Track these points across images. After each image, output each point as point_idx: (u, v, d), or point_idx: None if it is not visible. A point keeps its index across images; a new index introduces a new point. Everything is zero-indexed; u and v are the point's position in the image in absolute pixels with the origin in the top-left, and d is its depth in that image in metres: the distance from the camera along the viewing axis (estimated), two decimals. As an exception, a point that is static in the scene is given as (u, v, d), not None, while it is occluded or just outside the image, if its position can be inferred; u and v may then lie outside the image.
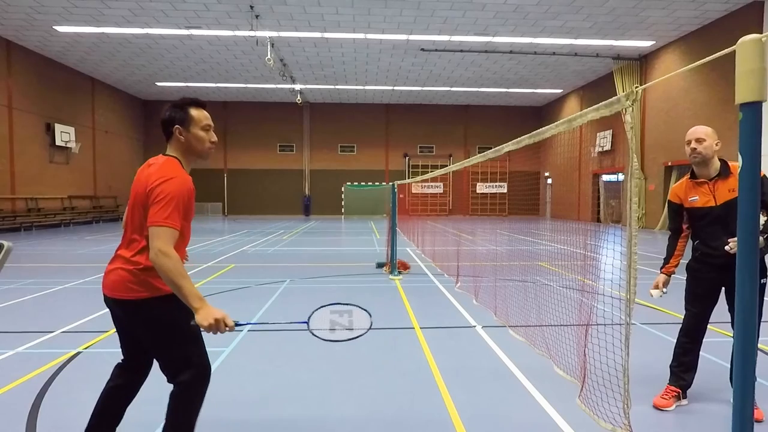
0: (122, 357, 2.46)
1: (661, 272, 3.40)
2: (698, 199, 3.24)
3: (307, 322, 2.37)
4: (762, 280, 3.03)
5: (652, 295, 3.28)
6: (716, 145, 3.17)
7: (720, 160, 3.23)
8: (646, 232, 18.53)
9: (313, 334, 2.37)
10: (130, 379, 2.44)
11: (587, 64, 21.89)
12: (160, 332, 2.22)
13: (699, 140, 3.16)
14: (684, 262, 3.45)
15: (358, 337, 2.38)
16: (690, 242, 3.43)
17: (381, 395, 3.55)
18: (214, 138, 2.38)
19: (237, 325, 2.09)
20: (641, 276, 8.22)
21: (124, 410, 2.45)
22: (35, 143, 20.19)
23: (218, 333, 2.02)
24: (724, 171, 3.18)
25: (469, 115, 31.79)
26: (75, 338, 4.84)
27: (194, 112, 2.29)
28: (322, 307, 2.45)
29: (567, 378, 3.62)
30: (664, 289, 3.34)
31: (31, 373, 3.91)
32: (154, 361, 2.37)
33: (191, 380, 2.21)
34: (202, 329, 2.03)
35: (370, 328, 2.42)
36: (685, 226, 3.38)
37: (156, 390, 2.49)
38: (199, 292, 2.05)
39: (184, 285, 1.99)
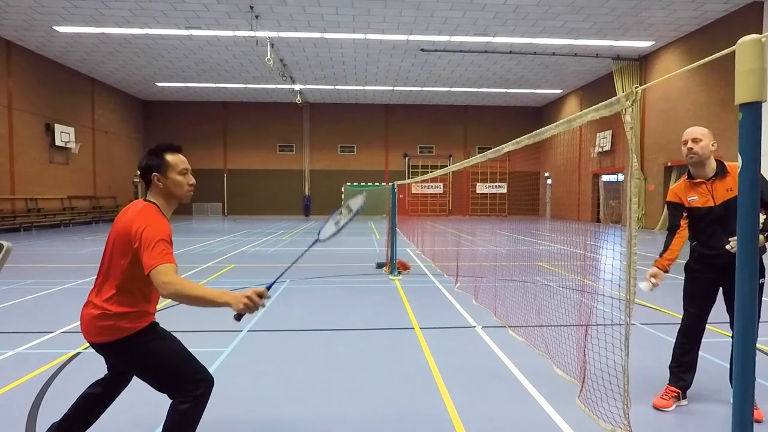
0: (107, 372, 2.54)
1: (654, 265, 3.36)
2: (697, 199, 3.24)
3: (317, 239, 2.59)
4: (760, 280, 3.03)
5: (641, 288, 3.20)
6: (712, 145, 3.17)
7: (716, 160, 3.23)
8: (646, 232, 18.53)
9: (328, 239, 2.61)
10: (107, 390, 2.51)
11: (587, 65, 21.90)
12: (145, 365, 2.26)
13: (695, 140, 3.16)
14: (682, 262, 3.45)
15: (359, 209, 2.63)
16: (688, 243, 3.43)
17: (381, 395, 3.55)
18: (192, 181, 2.44)
19: (267, 288, 2.12)
20: (641, 276, 8.21)
21: (97, 418, 2.51)
22: (35, 143, 20.19)
23: (260, 307, 2.05)
24: (721, 171, 3.18)
25: (469, 115, 31.80)
26: (75, 338, 4.83)
27: (170, 158, 2.35)
28: (325, 222, 2.68)
29: (567, 378, 3.62)
30: (653, 280, 3.24)
31: (30, 373, 3.91)
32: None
33: (192, 396, 2.23)
34: (244, 315, 2.07)
35: (365, 198, 2.71)
36: (683, 223, 3.37)
37: (155, 391, 2.48)
38: (217, 290, 2.06)
39: (203, 296, 2.01)
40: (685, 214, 3.34)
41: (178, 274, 2.06)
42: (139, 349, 2.23)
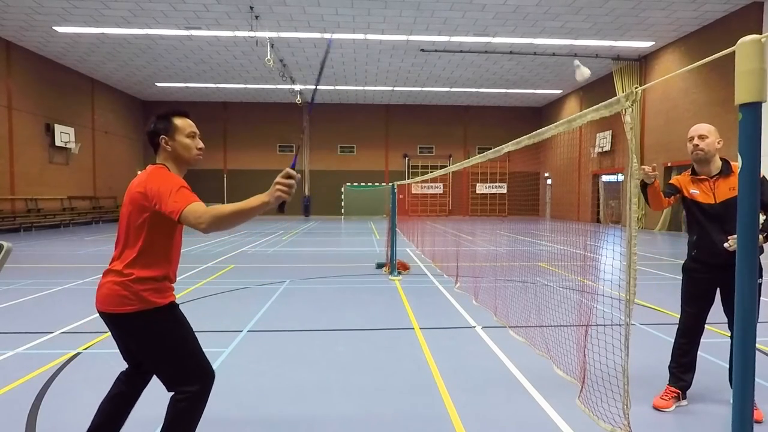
0: (126, 365, 2.47)
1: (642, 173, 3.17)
2: (699, 193, 3.25)
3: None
4: (759, 280, 3.03)
5: (582, 72, 2.85)
6: (718, 143, 3.17)
7: (721, 159, 3.23)
8: (646, 232, 18.53)
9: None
10: (133, 386, 2.44)
11: (587, 65, 21.88)
12: (153, 345, 2.22)
13: (702, 137, 3.16)
14: (680, 262, 3.45)
15: None
16: (687, 243, 3.43)
17: (380, 395, 3.55)
18: (201, 144, 2.40)
19: (292, 167, 1.98)
20: (641, 277, 8.22)
21: (126, 417, 2.46)
22: (35, 144, 20.18)
23: (292, 189, 1.95)
24: (726, 169, 3.18)
25: (469, 115, 31.81)
26: (74, 339, 4.84)
27: (178, 121, 2.34)
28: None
29: (567, 378, 3.62)
30: (646, 168, 3.10)
31: (30, 373, 3.90)
32: None
33: (191, 392, 2.20)
34: (283, 202, 1.98)
35: None
36: (672, 200, 3.36)
37: (155, 390, 2.48)
38: (249, 199, 1.96)
39: (241, 208, 1.94)
40: (678, 196, 3.34)
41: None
42: (154, 327, 2.18)
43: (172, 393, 2.24)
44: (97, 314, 2.25)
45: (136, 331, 2.20)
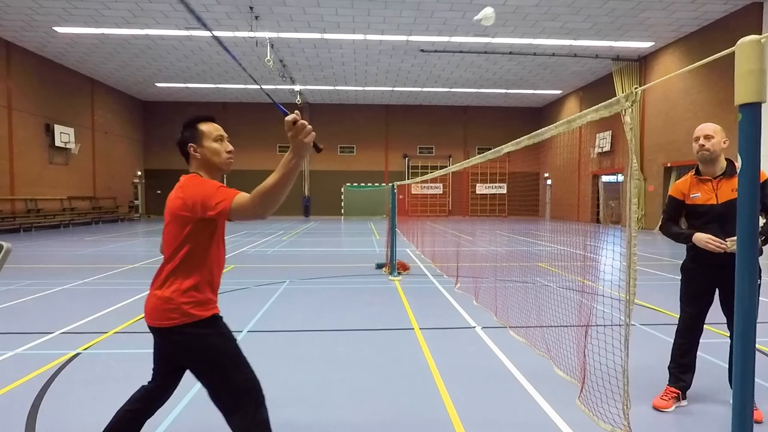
0: (151, 378, 2.42)
1: (695, 237, 3.14)
2: (700, 196, 3.24)
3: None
4: (758, 280, 3.02)
5: (487, 14, 2.78)
6: (724, 143, 3.16)
7: (727, 159, 3.22)
8: (646, 233, 18.53)
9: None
10: (149, 403, 2.41)
11: (587, 65, 21.91)
12: (201, 360, 2.20)
13: (707, 137, 3.15)
14: (680, 262, 3.45)
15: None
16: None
17: (380, 396, 3.55)
18: (230, 147, 2.37)
19: (285, 114, 1.94)
20: (641, 277, 8.23)
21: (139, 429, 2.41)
22: (35, 144, 20.17)
23: (306, 127, 1.88)
24: (730, 170, 3.17)
25: (469, 116, 31.81)
26: (74, 339, 4.83)
27: (203, 127, 2.31)
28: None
29: (567, 379, 3.62)
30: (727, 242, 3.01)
31: (30, 374, 3.90)
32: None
33: (243, 410, 2.18)
34: (311, 142, 1.90)
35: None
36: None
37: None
38: (280, 164, 1.90)
39: (281, 175, 1.89)
40: (683, 212, 3.36)
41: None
42: (197, 342, 2.16)
43: (233, 419, 2.18)
44: (97, 314, 2.25)
45: (180, 344, 2.18)
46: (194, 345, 2.17)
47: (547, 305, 5.33)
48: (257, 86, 26.09)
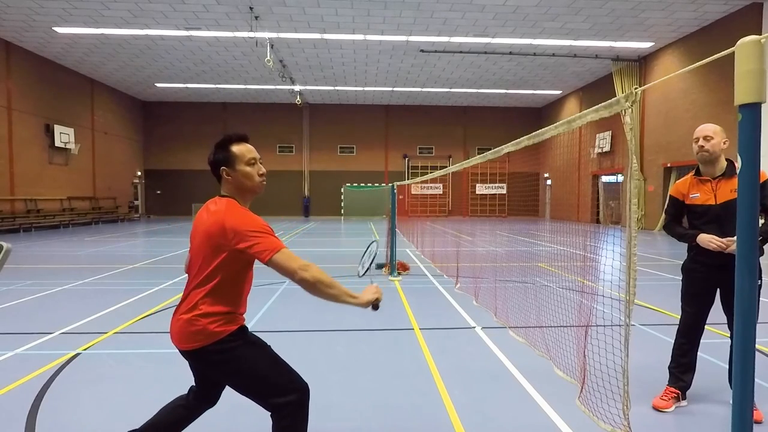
0: (195, 384, 2.42)
1: (699, 238, 3.15)
2: (699, 196, 3.24)
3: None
4: (758, 281, 3.02)
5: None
6: (724, 143, 3.16)
7: (727, 159, 3.22)
8: (646, 233, 18.54)
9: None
10: (195, 406, 2.39)
11: (586, 66, 21.92)
12: (234, 372, 2.17)
13: (707, 138, 3.15)
14: (680, 262, 3.45)
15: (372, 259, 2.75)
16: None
17: (380, 396, 3.55)
18: (263, 170, 2.33)
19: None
20: (640, 277, 8.23)
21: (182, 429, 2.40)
22: (35, 144, 20.17)
23: (380, 298, 2.29)
24: (730, 170, 3.17)
25: (469, 116, 31.81)
26: (74, 339, 4.83)
27: (236, 149, 2.27)
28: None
29: (567, 379, 3.62)
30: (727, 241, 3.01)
31: (30, 374, 3.90)
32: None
33: (288, 406, 2.18)
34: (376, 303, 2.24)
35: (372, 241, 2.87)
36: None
37: (162, 393, 2.48)
38: (348, 290, 2.17)
39: (335, 294, 2.11)
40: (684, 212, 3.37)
41: None
42: (227, 355, 2.13)
43: (273, 414, 2.20)
44: (97, 314, 2.24)
45: (212, 362, 2.16)
46: (224, 359, 2.14)
47: (547, 305, 5.32)
48: (257, 86, 26.10)
